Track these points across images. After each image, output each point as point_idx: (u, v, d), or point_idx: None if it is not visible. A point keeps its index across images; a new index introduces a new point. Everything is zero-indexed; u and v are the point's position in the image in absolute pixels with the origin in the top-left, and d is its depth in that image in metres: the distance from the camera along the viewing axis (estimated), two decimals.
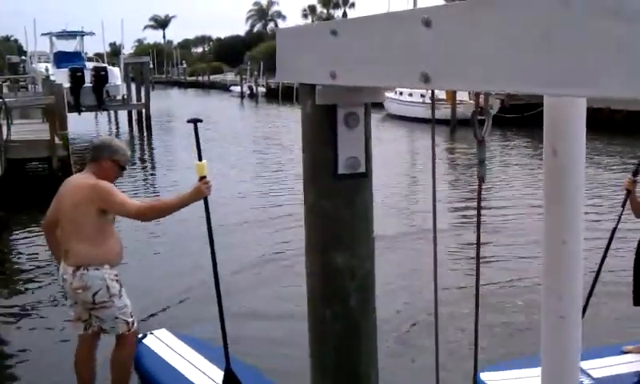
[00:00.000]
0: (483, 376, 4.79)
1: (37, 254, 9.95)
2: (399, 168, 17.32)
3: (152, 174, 19.09)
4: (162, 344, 5.61)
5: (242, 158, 20.37)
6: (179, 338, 5.72)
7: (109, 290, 4.34)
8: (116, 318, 4.42)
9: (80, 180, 4.47)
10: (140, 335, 5.60)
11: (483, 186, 1.78)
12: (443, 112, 26.09)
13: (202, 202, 4.42)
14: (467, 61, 1.13)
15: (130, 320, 4.51)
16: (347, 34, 1.48)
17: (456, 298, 7.13)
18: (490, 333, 6.21)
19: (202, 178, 4.32)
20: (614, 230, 5.12)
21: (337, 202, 1.74)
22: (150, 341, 5.63)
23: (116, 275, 4.43)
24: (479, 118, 1.70)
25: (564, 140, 1.54)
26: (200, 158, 4.36)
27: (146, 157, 23.77)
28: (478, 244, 1.46)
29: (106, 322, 4.44)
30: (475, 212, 11.58)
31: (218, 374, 4.79)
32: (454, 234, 9.87)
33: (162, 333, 5.82)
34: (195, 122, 4.36)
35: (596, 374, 4.96)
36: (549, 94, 1.39)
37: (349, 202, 1.74)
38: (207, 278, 5.41)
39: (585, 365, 4.89)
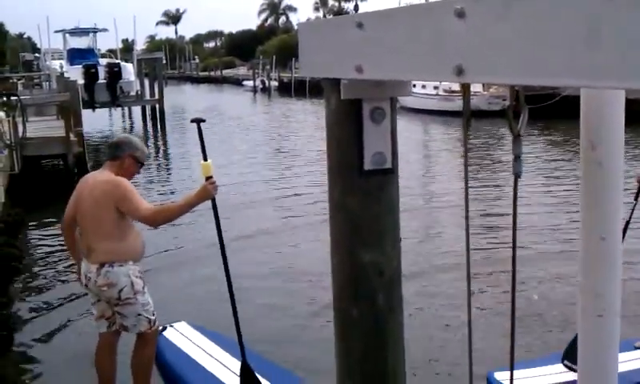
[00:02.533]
0: (497, 376, 4.73)
1: (53, 250, 10.00)
2: (416, 162, 17.22)
3: (167, 169, 19.14)
4: (182, 336, 5.68)
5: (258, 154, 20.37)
6: (199, 331, 5.77)
7: (133, 287, 4.33)
8: (139, 314, 4.40)
9: (99, 177, 4.45)
10: (160, 327, 5.65)
11: (501, 181, 1.73)
12: (458, 103, 25.94)
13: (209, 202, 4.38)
14: (504, 53, 1.08)
15: (152, 318, 4.50)
16: (374, 27, 1.44)
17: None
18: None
19: (209, 178, 4.27)
20: (627, 223, 4.98)
21: (363, 198, 1.70)
22: (169, 333, 5.69)
23: (140, 272, 4.43)
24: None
25: (602, 134, 1.49)
26: (205, 158, 4.30)
27: (160, 152, 23.83)
28: (514, 243, 1.42)
29: (128, 318, 4.41)
30: (497, 204, 11.51)
31: (237, 366, 4.78)
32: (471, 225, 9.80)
33: (182, 325, 5.88)
34: (198, 121, 4.32)
35: None
36: (591, 87, 1.34)
37: (375, 198, 1.70)
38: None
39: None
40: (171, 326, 5.84)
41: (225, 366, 5.09)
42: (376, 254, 1.70)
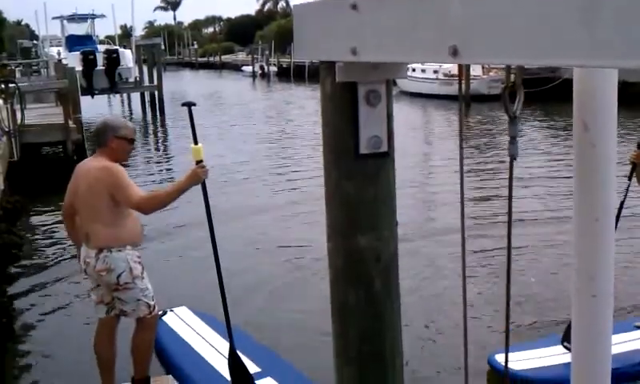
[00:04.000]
0: (499, 357, 4.74)
1: (53, 237, 10.02)
2: (415, 147, 17.20)
3: (165, 155, 19.13)
4: (182, 322, 5.70)
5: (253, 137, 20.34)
6: (198, 316, 5.78)
7: (132, 272, 4.32)
8: (138, 300, 4.39)
9: (92, 163, 4.44)
10: (160, 312, 5.69)
11: (496, 163, 1.71)
12: (456, 87, 25.83)
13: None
14: (499, 33, 1.06)
15: (152, 303, 4.49)
16: (368, 8, 1.42)
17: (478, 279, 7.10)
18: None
19: (199, 162, 4.25)
20: (622, 203, 5.02)
21: (359, 182, 1.68)
22: (169, 318, 5.71)
23: (138, 257, 4.41)
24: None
25: (595, 114, 1.48)
26: (196, 142, 4.29)
27: (160, 138, 23.81)
28: (510, 223, 1.41)
29: (128, 303, 4.41)
30: (493, 186, 11.51)
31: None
32: (468, 209, 9.79)
33: (182, 310, 5.90)
34: (189, 105, 4.31)
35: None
36: (589, 66, 1.33)
37: (371, 182, 1.68)
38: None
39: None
40: (171, 311, 5.86)
41: (221, 353, 5.07)
42: (372, 239, 1.68)
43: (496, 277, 7.20)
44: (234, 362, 4.43)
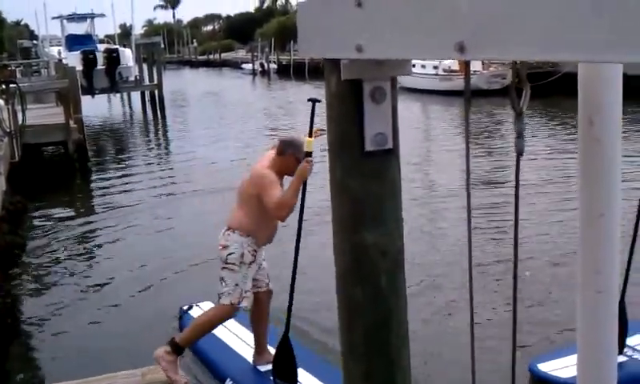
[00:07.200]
0: (540, 366, 4.65)
1: (56, 237, 10.03)
2: (416, 142, 17.19)
3: (167, 155, 19.12)
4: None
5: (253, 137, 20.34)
6: None
7: (242, 257, 4.58)
8: (236, 285, 4.59)
9: (261, 161, 4.69)
10: (186, 306, 6.17)
11: (501, 159, 1.71)
12: (457, 83, 25.81)
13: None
14: (505, 29, 1.07)
15: (245, 296, 4.63)
16: (373, 5, 1.42)
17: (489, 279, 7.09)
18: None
19: (308, 154, 4.38)
20: None
21: (364, 179, 1.68)
22: (195, 312, 5.93)
23: (255, 250, 4.64)
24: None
25: (600, 109, 1.48)
26: (310, 135, 4.39)
27: (161, 138, 23.80)
28: (516, 223, 1.41)
29: (227, 285, 4.59)
30: (498, 185, 11.51)
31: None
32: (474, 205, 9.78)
33: (207, 306, 6.04)
34: (314, 101, 4.40)
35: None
36: (597, 62, 1.33)
37: (377, 179, 1.69)
38: None
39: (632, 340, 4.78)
40: (197, 306, 6.13)
41: (245, 342, 5.37)
42: (378, 235, 1.69)
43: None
44: (285, 347, 4.54)
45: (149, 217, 11.25)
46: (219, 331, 5.30)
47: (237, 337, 5.56)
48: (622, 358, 4.46)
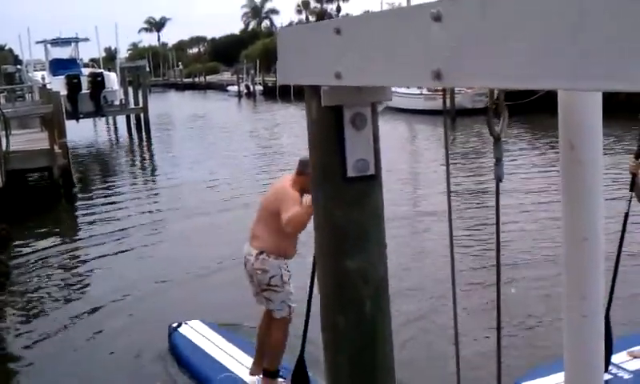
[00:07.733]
0: None
1: (41, 264, 9.93)
2: (401, 162, 17.24)
3: (152, 180, 19.05)
4: (196, 333, 6.17)
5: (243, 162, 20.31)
6: (211, 328, 6.25)
7: (282, 278, 4.89)
8: (283, 301, 4.94)
9: (283, 180, 5.02)
10: (175, 324, 6.33)
11: (483, 182, 1.71)
12: (441, 102, 25.94)
13: None
14: (482, 56, 1.06)
15: (293, 306, 4.97)
16: (352, 33, 1.43)
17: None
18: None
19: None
20: (626, 215, 4.83)
21: (347, 206, 1.67)
22: (184, 330, 6.18)
23: (287, 266, 4.96)
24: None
25: (581, 133, 1.48)
26: None
27: (147, 162, 23.71)
28: (498, 248, 1.40)
29: (274, 303, 4.95)
30: (479, 206, 11.54)
31: (247, 360, 5.41)
32: (455, 225, 9.80)
33: (196, 323, 6.36)
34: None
35: (630, 366, 4.90)
36: (572, 90, 1.33)
37: (359, 205, 1.68)
38: None
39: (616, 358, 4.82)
40: (186, 324, 6.29)
41: (237, 360, 5.60)
42: (361, 261, 1.68)
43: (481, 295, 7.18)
44: (300, 370, 4.71)
45: (135, 241, 11.18)
46: (206, 345, 5.67)
47: (222, 351, 5.80)
48: (606, 376, 4.46)
